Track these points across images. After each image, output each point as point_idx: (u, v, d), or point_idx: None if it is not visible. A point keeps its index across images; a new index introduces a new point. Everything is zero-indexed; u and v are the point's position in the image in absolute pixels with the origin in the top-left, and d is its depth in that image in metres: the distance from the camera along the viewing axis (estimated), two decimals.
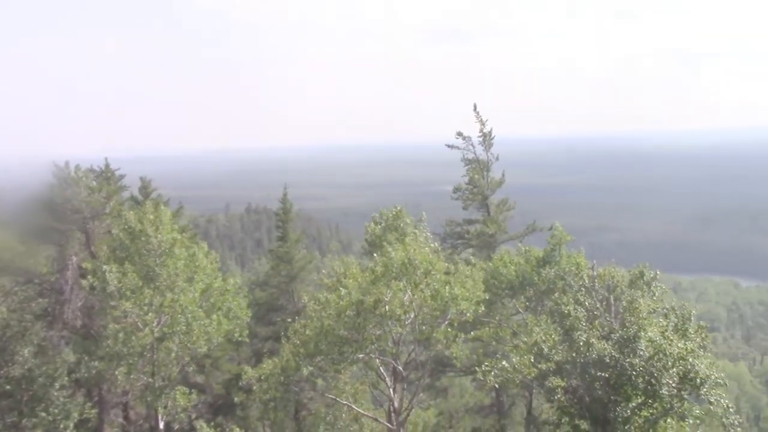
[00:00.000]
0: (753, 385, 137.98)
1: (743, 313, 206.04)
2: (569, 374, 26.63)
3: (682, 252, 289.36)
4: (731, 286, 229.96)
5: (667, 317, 28.24)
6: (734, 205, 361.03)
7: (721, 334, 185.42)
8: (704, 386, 25.71)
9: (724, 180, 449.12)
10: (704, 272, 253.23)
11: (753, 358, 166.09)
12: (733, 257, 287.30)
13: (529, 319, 29.82)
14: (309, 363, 27.04)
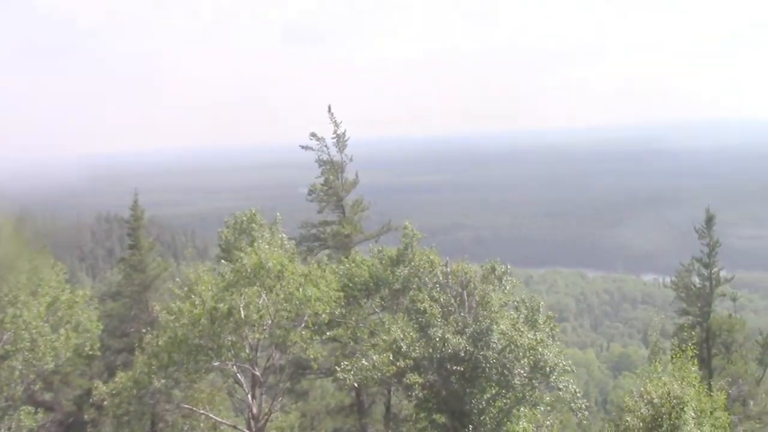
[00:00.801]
0: (601, 370, 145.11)
1: (591, 302, 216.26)
2: (426, 370, 27.10)
3: (533, 246, 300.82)
4: (579, 278, 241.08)
5: (518, 309, 29.28)
6: (580, 199, 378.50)
7: (571, 324, 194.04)
8: (553, 374, 26.80)
9: (572, 176, 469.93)
10: (554, 265, 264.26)
11: (600, 344, 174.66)
12: (580, 250, 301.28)
13: (386, 318, 30.10)
14: (163, 374, 26.28)
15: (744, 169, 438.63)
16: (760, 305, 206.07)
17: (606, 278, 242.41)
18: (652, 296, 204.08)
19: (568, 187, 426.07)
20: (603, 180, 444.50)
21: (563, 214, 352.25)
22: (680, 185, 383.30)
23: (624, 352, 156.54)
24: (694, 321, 40.26)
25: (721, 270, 39.85)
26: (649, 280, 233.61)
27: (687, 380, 24.05)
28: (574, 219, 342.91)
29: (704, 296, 39.63)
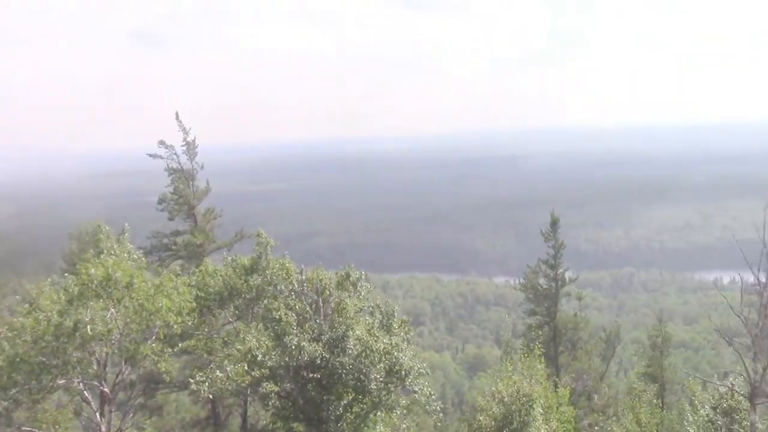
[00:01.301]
0: (456, 371, 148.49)
1: (446, 306, 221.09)
2: (282, 378, 26.84)
3: (389, 252, 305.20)
4: (434, 282, 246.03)
5: (373, 315, 29.48)
6: (434, 205, 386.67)
7: (427, 328, 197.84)
8: (409, 377, 27.10)
9: (425, 182, 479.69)
10: (410, 270, 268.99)
11: (456, 347, 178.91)
12: (435, 254, 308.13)
13: (240, 328, 29.62)
14: (3, 396, 24.72)
15: (588, 174, 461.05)
16: (603, 303, 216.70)
17: (460, 282, 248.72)
18: (504, 298, 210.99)
19: (422, 192, 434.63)
20: (455, 186, 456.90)
21: (418, 219, 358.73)
22: (529, 190, 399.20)
23: (478, 353, 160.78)
24: (542, 320, 41.82)
25: (566, 271, 41.56)
26: (501, 282, 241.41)
27: (535, 378, 24.97)
28: (429, 224, 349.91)
29: (551, 296, 41.24)
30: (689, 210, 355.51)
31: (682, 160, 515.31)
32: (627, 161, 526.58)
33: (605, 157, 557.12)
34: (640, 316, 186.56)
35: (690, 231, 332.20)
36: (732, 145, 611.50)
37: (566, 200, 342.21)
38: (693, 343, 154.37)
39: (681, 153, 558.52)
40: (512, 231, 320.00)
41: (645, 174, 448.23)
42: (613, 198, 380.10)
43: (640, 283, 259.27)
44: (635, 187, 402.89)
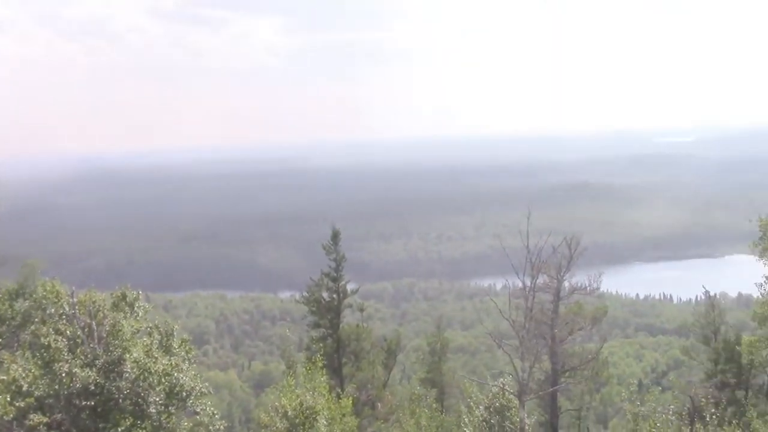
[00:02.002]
0: (243, 389, 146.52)
1: (231, 323, 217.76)
2: (52, 408, 25.17)
3: (171, 270, 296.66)
4: (219, 299, 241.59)
5: (151, 335, 28.37)
6: (217, 221, 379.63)
7: (212, 346, 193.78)
8: (190, 398, 26.34)
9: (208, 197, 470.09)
10: (193, 288, 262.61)
11: (242, 364, 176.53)
12: (219, 271, 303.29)
13: (4, 357, 27.46)
14: None
15: (372, 187, 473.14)
16: (386, 313, 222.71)
17: (245, 298, 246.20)
18: (290, 312, 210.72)
19: (205, 207, 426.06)
20: (240, 200, 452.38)
21: (201, 235, 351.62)
22: (315, 204, 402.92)
23: (265, 369, 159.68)
24: (326, 333, 42.17)
25: (348, 283, 42.22)
26: (287, 296, 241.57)
27: (318, 390, 25.09)
28: (213, 240, 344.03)
29: (333, 309, 41.69)
30: (464, 220, 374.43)
31: (457, 173, 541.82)
32: (410, 174, 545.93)
33: (390, 170, 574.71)
34: (421, 324, 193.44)
35: (465, 241, 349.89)
36: (501, 157, 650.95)
37: (351, 213, 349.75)
38: (470, 347, 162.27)
39: (456, 166, 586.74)
40: (298, 245, 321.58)
41: (425, 186, 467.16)
42: (396, 210, 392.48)
43: (421, 292, 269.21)
44: (416, 199, 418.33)
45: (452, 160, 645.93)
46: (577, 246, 33.10)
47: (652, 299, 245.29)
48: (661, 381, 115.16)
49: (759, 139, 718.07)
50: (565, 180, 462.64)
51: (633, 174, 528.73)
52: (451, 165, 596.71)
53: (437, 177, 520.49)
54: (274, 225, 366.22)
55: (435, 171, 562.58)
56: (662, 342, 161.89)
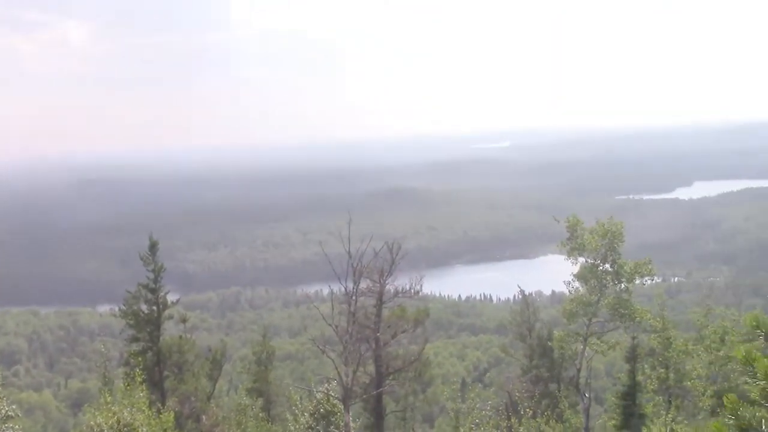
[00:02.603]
0: (59, 409, 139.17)
1: (45, 340, 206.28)
2: None
3: None
4: (31, 316, 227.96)
5: None
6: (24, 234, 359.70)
7: (24, 366, 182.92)
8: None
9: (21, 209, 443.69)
10: (2, 305, 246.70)
11: (58, 383, 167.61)
12: (30, 286, 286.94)
13: None
14: None
15: (194, 196, 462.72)
16: (212, 324, 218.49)
17: (60, 313, 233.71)
18: (109, 327, 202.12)
19: (11, 221, 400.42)
20: (50, 211, 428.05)
21: (8, 250, 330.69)
22: (134, 214, 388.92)
23: (83, 387, 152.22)
24: (146, 346, 40.68)
25: (168, 293, 40.93)
26: (106, 310, 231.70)
27: (137, 406, 24.11)
28: (20, 254, 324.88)
29: (153, 321, 40.28)
30: (289, 228, 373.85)
31: (279, 180, 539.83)
32: (232, 182, 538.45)
33: (211, 178, 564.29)
34: (248, 333, 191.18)
35: (291, 248, 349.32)
36: (320, 164, 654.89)
37: (173, 223, 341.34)
38: (298, 355, 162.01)
39: (277, 173, 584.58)
40: (117, 256, 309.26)
41: (248, 194, 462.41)
42: (219, 219, 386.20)
43: (247, 301, 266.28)
44: (239, 207, 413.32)
45: (272, 167, 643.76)
46: (399, 250, 33.64)
47: (473, 300, 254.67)
48: (483, 378, 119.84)
49: (568, 144, 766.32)
50: (386, 185, 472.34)
51: (450, 179, 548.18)
52: (272, 172, 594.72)
53: (260, 184, 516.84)
54: (91, 236, 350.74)
55: (257, 178, 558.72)
56: (483, 341, 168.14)
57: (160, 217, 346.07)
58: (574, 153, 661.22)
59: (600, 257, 41.09)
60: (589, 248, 41.04)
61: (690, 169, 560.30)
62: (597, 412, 61.68)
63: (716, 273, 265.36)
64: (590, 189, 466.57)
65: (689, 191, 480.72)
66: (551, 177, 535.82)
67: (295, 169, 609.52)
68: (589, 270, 41.26)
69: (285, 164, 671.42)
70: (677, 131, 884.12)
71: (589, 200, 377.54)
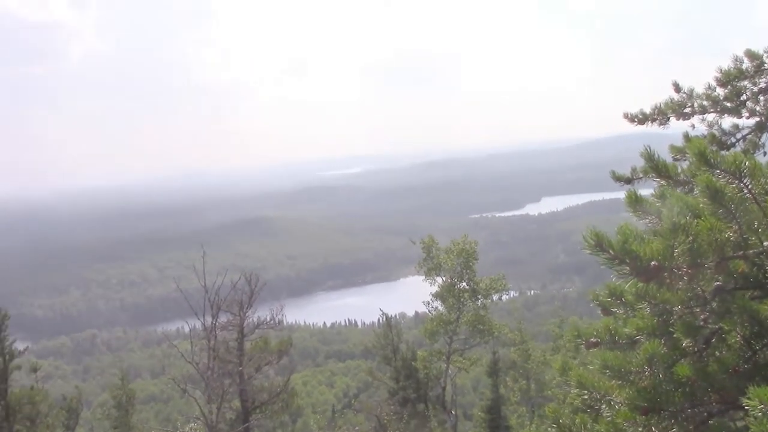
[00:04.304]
0: None
1: None
2: None
3: None
4: None
5: None
6: None
7: None
8: None
9: None
10: None
11: None
12: None
13: None
14: None
15: (35, 237, 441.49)
16: (68, 370, 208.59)
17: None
18: None
19: None
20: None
21: None
22: None
23: None
24: None
25: (14, 342, 38.72)
26: None
27: None
28: None
29: (1, 373, 37.97)
30: (144, 265, 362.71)
31: (126, 217, 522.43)
32: (76, 222, 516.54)
33: (53, 219, 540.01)
34: (107, 377, 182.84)
35: (148, 285, 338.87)
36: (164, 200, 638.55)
37: (14, 266, 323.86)
38: (163, 395, 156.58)
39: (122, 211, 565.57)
40: None
41: (96, 234, 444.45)
42: (67, 260, 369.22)
43: (104, 344, 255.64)
44: (89, 246, 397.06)
45: (117, 204, 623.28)
46: (258, 281, 33.19)
47: (338, 326, 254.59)
48: (352, 404, 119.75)
49: (421, 168, 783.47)
50: (239, 216, 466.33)
51: (303, 206, 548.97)
52: (118, 209, 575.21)
53: (106, 223, 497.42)
54: None
55: (103, 217, 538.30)
56: (351, 366, 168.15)
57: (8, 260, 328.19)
58: (427, 176, 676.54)
59: (456, 276, 42.11)
60: (446, 268, 41.99)
61: (538, 185, 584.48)
62: (466, 427, 62.79)
63: (569, 284, 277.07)
64: (444, 210, 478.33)
65: (538, 207, 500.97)
66: (405, 200, 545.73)
67: (141, 204, 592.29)
68: (447, 289, 42.19)
69: (130, 200, 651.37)
70: (527, 150, 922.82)
71: (444, 221, 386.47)
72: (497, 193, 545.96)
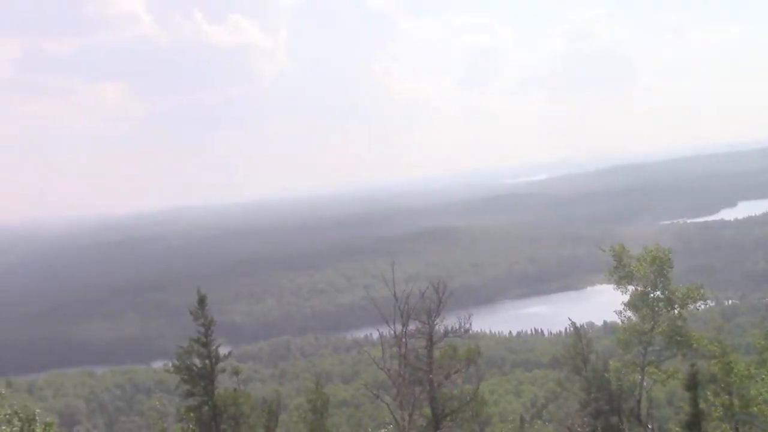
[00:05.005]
0: None
1: (103, 400, 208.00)
2: None
3: (31, 350, 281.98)
4: (87, 377, 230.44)
5: (11, 423, 26.76)
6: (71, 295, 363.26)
7: (84, 426, 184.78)
8: None
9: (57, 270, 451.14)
10: (58, 367, 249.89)
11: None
12: (84, 347, 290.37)
13: None
14: None
15: (232, 248, 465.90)
16: (265, 374, 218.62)
17: (116, 372, 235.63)
18: (165, 383, 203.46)
19: (57, 283, 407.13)
20: (92, 272, 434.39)
21: (57, 310, 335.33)
22: (175, 269, 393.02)
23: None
24: (201, 401, 40.88)
25: (219, 346, 41.20)
26: (159, 366, 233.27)
27: None
28: (72, 314, 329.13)
29: (206, 375, 40.50)
30: (332, 273, 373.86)
31: (317, 228, 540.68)
32: (271, 232, 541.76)
33: (251, 230, 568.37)
34: (301, 381, 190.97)
35: (337, 293, 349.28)
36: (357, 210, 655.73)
37: (216, 276, 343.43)
38: (353, 401, 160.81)
39: (314, 221, 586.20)
40: (164, 312, 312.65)
41: (289, 243, 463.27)
42: (263, 269, 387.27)
43: (297, 349, 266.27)
44: (282, 256, 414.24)
45: (308, 215, 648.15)
46: (445, 289, 33.46)
47: (524, 335, 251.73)
48: (542, 414, 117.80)
49: (604, 173, 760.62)
50: (425, 226, 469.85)
51: (490, 215, 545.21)
52: (308, 220, 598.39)
53: (298, 233, 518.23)
54: (136, 294, 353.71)
55: (294, 227, 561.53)
56: (538, 376, 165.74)
57: (202, 271, 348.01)
58: (610, 181, 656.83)
59: (650, 284, 40.63)
60: (638, 276, 40.63)
61: (733, 189, 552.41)
62: None
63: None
64: (632, 216, 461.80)
65: (734, 212, 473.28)
66: (590, 207, 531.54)
67: (331, 216, 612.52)
68: (640, 298, 40.81)
69: (321, 211, 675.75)
70: (716, 153, 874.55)
71: (632, 228, 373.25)
72: (687, 199, 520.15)
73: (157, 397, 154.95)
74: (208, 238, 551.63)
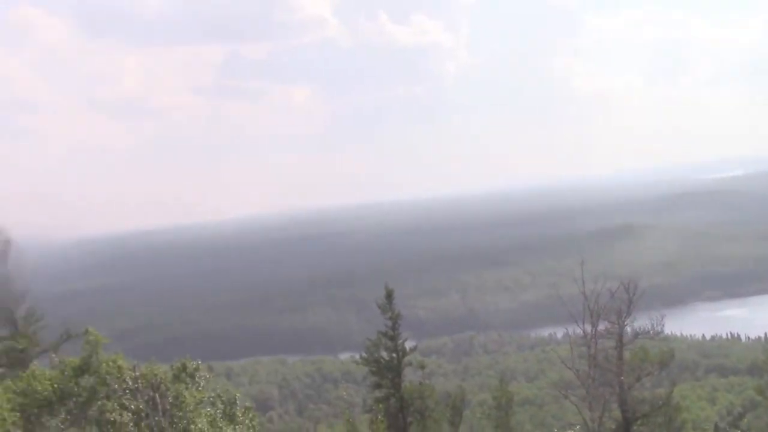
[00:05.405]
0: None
1: (293, 387, 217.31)
2: None
3: (229, 339, 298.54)
4: (279, 364, 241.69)
5: (215, 405, 28.53)
6: (269, 287, 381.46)
7: (276, 412, 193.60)
8: None
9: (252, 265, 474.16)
10: (253, 355, 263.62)
11: (307, 428, 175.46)
12: (278, 337, 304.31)
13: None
14: None
15: (419, 245, 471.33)
16: (448, 369, 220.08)
17: (306, 361, 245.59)
18: (351, 374, 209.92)
19: (253, 276, 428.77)
20: (285, 266, 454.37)
21: (254, 301, 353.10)
22: (361, 265, 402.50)
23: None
24: (388, 393, 41.79)
25: (405, 340, 41.93)
26: (346, 358, 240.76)
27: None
28: (266, 306, 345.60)
29: (393, 368, 41.35)
30: (517, 270, 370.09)
31: (496, 225, 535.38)
32: (454, 229, 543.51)
33: (434, 227, 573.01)
34: (484, 377, 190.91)
35: (521, 291, 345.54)
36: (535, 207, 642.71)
37: (401, 271, 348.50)
38: (536, 400, 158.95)
39: (492, 219, 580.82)
40: (352, 306, 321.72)
41: (471, 240, 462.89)
42: (446, 265, 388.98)
43: (481, 346, 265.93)
44: (465, 253, 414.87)
45: (491, 211, 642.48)
46: (635, 289, 32.31)
47: (719, 339, 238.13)
48: (738, 423, 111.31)
49: None
50: (613, 222, 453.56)
51: (681, 212, 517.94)
52: (493, 216, 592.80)
53: (484, 230, 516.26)
54: (325, 287, 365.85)
55: (478, 224, 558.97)
56: (735, 383, 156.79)
57: (387, 266, 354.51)
58: None
59: None
60: None
61: None
62: None
63: None
64: None
65: None
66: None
67: (516, 212, 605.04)
68: None
69: (505, 208, 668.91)
70: None
71: None
72: None
73: (343, 387, 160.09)
74: (394, 233, 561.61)
